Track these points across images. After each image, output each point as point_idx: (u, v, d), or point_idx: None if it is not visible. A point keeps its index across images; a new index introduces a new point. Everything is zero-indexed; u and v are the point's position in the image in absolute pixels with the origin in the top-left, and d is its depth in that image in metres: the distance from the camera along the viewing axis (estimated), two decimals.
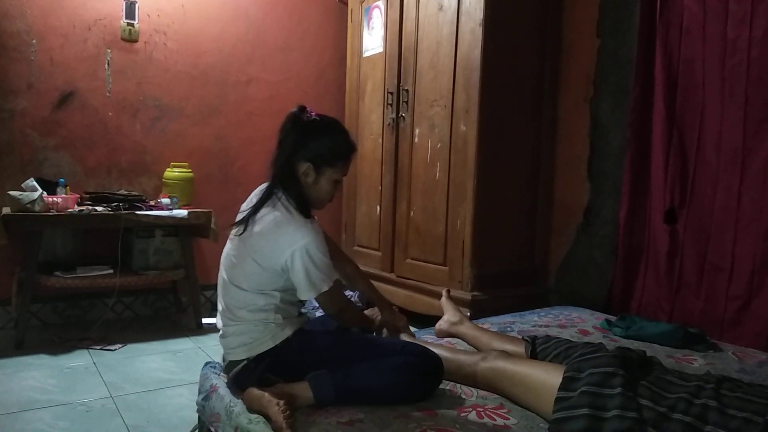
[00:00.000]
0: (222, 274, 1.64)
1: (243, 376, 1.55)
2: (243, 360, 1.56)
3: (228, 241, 1.66)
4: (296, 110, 1.62)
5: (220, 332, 1.63)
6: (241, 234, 1.58)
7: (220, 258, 1.69)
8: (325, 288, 1.56)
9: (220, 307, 1.64)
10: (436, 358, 1.57)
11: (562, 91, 2.98)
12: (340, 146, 1.64)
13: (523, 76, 2.89)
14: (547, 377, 1.42)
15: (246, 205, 1.67)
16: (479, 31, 2.67)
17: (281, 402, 1.34)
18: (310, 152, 1.59)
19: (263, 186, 1.67)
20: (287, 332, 1.56)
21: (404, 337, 1.81)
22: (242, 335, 1.56)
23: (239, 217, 1.63)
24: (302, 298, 1.60)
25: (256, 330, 1.56)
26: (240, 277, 1.58)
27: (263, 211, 1.57)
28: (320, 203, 1.67)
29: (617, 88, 2.72)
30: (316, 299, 1.59)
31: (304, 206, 1.59)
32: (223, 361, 1.66)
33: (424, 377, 1.52)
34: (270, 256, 1.54)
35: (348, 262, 1.91)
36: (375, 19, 3.42)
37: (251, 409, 1.43)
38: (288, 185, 1.60)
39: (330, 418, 1.37)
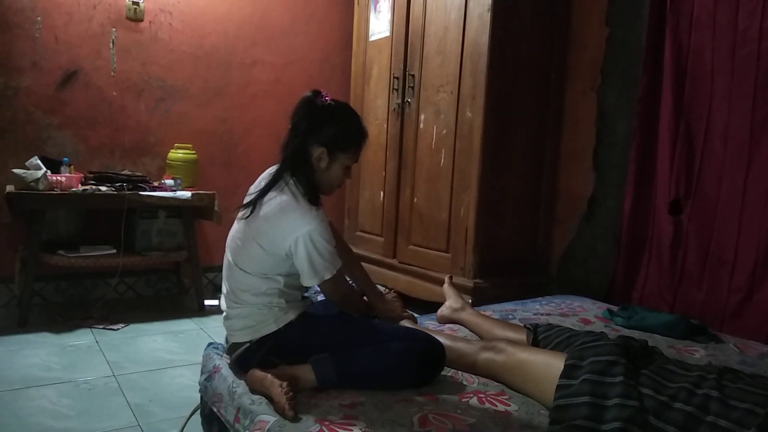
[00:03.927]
0: (227, 256, 1.64)
1: (246, 358, 1.56)
2: (246, 342, 1.57)
3: (235, 223, 1.66)
4: (310, 94, 1.60)
5: (224, 314, 1.63)
6: (247, 217, 1.58)
7: (222, 240, 1.69)
8: (328, 276, 1.55)
9: (224, 289, 1.64)
10: (438, 344, 1.57)
11: (569, 79, 2.96)
12: (354, 132, 1.63)
13: (530, 63, 2.87)
14: (548, 365, 1.43)
15: (254, 188, 1.66)
16: (487, 17, 2.65)
17: (284, 384, 1.35)
18: (324, 137, 1.57)
19: (272, 169, 1.66)
20: (290, 316, 1.57)
21: (404, 323, 1.81)
22: (246, 318, 1.57)
23: (247, 199, 1.62)
24: (305, 285, 1.60)
25: (259, 313, 1.56)
26: (245, 260, 1.58)
27: (270, 194, 1.57)
28: (330, 189, 1.66)
29: (625, 78, 2.70)
30: (319, 286, 1.59)
31: (313, 192, 1.58)
32: (226, 342, 1.67)
33: (426, 363, 1.52)
34: (274, 240, 1.54)
35: (346, 250, 1.91)
36: (382, 3, 3.39)
37: (254, 390, 1.44)
38: (299, 170, 1.58)
39: (332, 401, 1.38)
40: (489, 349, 1.59)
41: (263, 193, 1.58)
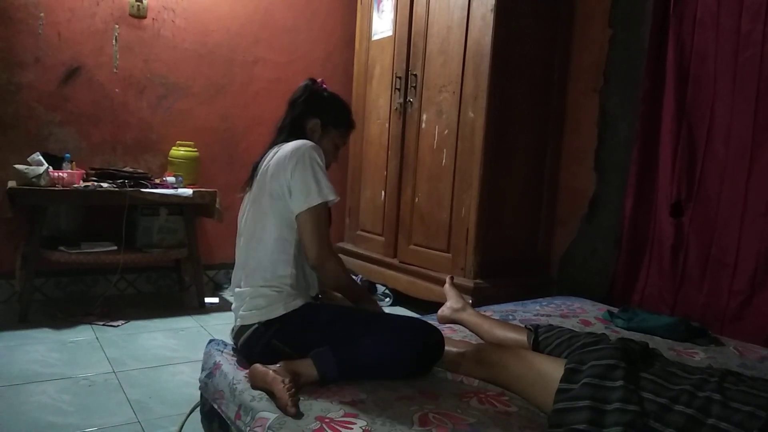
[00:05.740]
0: (239, 241, 1.72)
1: (253, 341, 1.59)
2: (254, 324, 1.59)
3: (242, 205, 1.76)
4: (308, 80, 1.81)
5: (234, 295, 1.69)
6: (251, 186, 1.70)
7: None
8: (319, 200, 1.58)
9: (236, 275, 1.71)
10: (437, 332, 1.59)
11: (572, 80, 2.97)
12: (346, 114, 1.82)
13: (533, 64, 2.87)
14: (547, 371, 1.41)
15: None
16: (490, 17, 2.65)
17: (286, 380, 1.35)
18: (319, 111, 1.75)
19: None
20: (298, 302, 1.60)
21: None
22: (257, 298, 1.60)
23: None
24: (296, 211, 1.59)
25: (271, 295, 1.59)
26: (256, 225, 1.64)
27: (272, 151, 1.69)
28: None
29: (627, 79, 2.70)
30: (299, 221, 1.59)
31: None
32: (232, 331, 1.70)
33: (425, 352, 1.55)
34: (283, 173, 1.60)
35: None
36: (385, 2, 3.39)
37: (255, 386, 1.44)
38: (293, 139, 1.69)
39: (332, 398, 1.38)
40: (478, 362, 1.57)
41: (259, 161, 1.71)
